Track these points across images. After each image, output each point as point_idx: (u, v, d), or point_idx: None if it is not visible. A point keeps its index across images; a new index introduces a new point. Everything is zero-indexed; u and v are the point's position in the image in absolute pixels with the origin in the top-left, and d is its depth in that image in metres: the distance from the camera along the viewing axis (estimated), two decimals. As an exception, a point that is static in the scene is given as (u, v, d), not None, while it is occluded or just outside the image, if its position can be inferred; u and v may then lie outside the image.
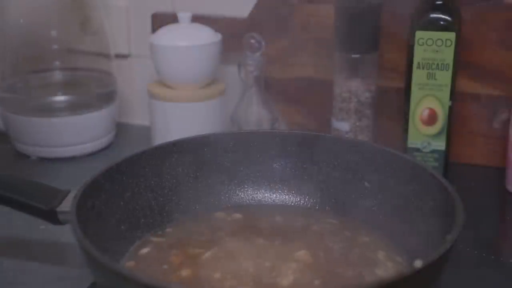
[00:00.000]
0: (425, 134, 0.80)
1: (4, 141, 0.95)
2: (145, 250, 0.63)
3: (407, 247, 0.62)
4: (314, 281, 0.57)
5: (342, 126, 0.84)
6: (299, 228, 0.65)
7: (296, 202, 0.71)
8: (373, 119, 0.85)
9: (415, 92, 0.79)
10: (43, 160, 0.91)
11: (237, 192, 0.71)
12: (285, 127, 0.91)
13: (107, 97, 0.94)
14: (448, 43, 0.77)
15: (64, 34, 0.94)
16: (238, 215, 0.68)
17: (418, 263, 0.50)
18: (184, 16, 0.88)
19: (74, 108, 0.91)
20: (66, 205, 0.59)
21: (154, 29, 0.94)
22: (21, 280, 0.64)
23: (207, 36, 0.87)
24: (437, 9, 0.77)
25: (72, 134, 0.91)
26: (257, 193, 0.72)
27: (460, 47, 0.77)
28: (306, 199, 0.71)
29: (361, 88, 0.82)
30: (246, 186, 0.72)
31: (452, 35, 0.76)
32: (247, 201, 0.71)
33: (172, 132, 0.86)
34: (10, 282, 0.64)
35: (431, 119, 0.80)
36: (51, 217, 0.61)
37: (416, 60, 0.78)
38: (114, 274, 0.49)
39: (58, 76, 0.98)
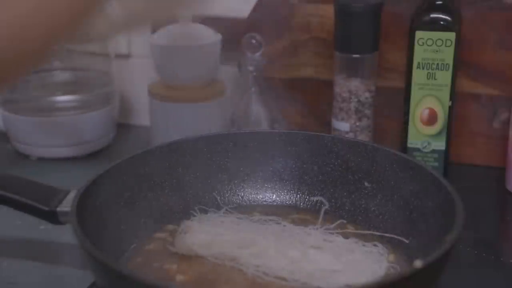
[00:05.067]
0: (425, 134, 0.80)
1: (4, 141, 0.95)
2: (145, 250, 0.63)
3: (407, 247, 0.62)
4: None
5: (342, 126, 0.84)
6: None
7: (296, 202, 0.71)
8: (373, 119, 0.85)
9: (415, 92, 0.79)
10: (43, 160, 0.91)
11: (237, 192, 0.71)
12: (285, 127, 0.91)
13: (107, 97, 0.94)
14: (448, 43, 0.77)
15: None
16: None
17: (418, 263, 0.50)
18: (184, 16, 0.88)
19: (74, 108, 0.91)
20: (66, 205, 0.59)
21: (154, 29, 0.94)
22: (21, 280, 0.64)
23: (207, 36, 0.87)
24: (437, 9, 0.77)
25: (72, 134, 0.91)
26: (257, 193, 0.72)
27: (460, 47, 0.77)
28: (306, 199, 0.71)
29: (361, 88, 0.82)
30: (246, 186, 0.72)
31: (452, 35, 0.76)
32: (247, 201, 0.71)
33: (172, 132, 0.86)
34: (10, 282, 0.64)
35: (431, 119, 0.80)
36: (51, 217, 0.61)
37: (416, 60, 0.78)
38: (114, 274, 0.49)
39: (58, 76, 0.97)
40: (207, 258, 0.60)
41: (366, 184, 0.68)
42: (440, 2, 0.77)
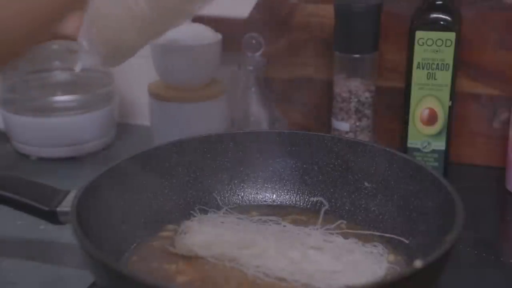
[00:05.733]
0: (425, 134, 0.80)
1: (4, 141, 0.95)
2: (145, 250, 0.63)
3: (407, 247, 0.62)
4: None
5: (342, 126, 0.84)
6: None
7: (296, 202, 0.71)
8: (373, 119, 0.85)
9: (415, 92, 0.79)
10: (43, 160, 0.91)
11: (237, 192, 0.71)
12: (285, 127, 0.91)
13: (107, 97, 0.94)
14: (448, 43, 0.77)
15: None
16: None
17: (418, 263, 0.50)
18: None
19: (74, 108, 0.91)
20: (66, 205, 0.59)
21: (154, 29, 0.94)
22: (21, 280, 0.64)
23: (207, 36, 0.87)
24: (437, 9, 0.77)
25: (72, 134, 0.91)
26: (257, 193, 0.72)
27: (460, 47, 0.77)
28: (306, 199, 0.71)
29: (361, 88, 0.82)
30: (246, 186, 0.72)
31: (452, 35, 0.76)
32: (247, 201, 0.71)
33: (172, 132, 0.86)
34: (10, 282, 0.64)
35: (431, 119, 0.80)
36: (51, 217, 0.61)
37: (416, 60, 0.78)
38: (114, 274, 0.49)
39: (58, 76, 0.97)
40: (207, 259, 0.60)
41: (366, 184, 0.68)
42: (440, 2, 0.77)
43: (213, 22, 0.90)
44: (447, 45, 0.77)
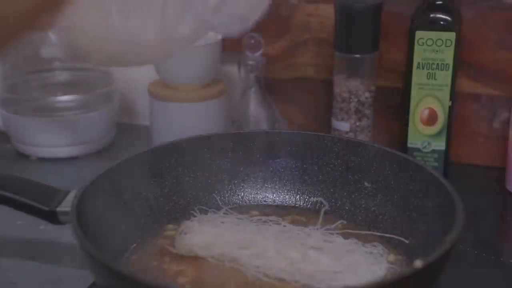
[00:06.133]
0: (425, 134, 0.80)
1: (4, 141, 0.95)
2: (145, 250, 0.63)
3: (407, 247, 0.62)
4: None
5: (342, 126, 0.84)
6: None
7: (296, 202, 0.71)
8: (373, 119, 0.85)
9: (415, 92, 0.79)
10: (43, 160, 0.91)
11: (237, 192, 0.71)
12: (285, 127, 0.91)
13: (107, 97, 0.94)
14: (448, 43, 0.77)
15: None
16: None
17: (418, 263, 0.50)
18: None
19: (74, 108, 0.91)
20: (67, 205, 0.59)
21: (154, 29, 0.94)
22: (21, 280, 0.64)
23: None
24: (437, 9, 0.77)
25: (72, 134, 0.91)
26: (257, 193, 0.72)
27: (460, 47, 0.77)
28: (306, 199, 0.71)
29: (361, 88, 0.82)
30: (246, 186, 0.72)
31: (452, 35, 0.76)
32: (247, 201, 0.71)
33: (172, 132, 0.86)
34: (10, 282, 0.64)
35: (431, 119, 0.80)
36: (51, 217, 0.61)
37: (416, 60, 0.78)
38: (114, 274, 0.49)
39: (58, 76, 0.97)
40: (207, 259, 0.60)
41: (366, 184, 0.68)
42: (440, 2, 0.77)
43: (213, 22, 0.90)
44: (447, 45, 0.77)
